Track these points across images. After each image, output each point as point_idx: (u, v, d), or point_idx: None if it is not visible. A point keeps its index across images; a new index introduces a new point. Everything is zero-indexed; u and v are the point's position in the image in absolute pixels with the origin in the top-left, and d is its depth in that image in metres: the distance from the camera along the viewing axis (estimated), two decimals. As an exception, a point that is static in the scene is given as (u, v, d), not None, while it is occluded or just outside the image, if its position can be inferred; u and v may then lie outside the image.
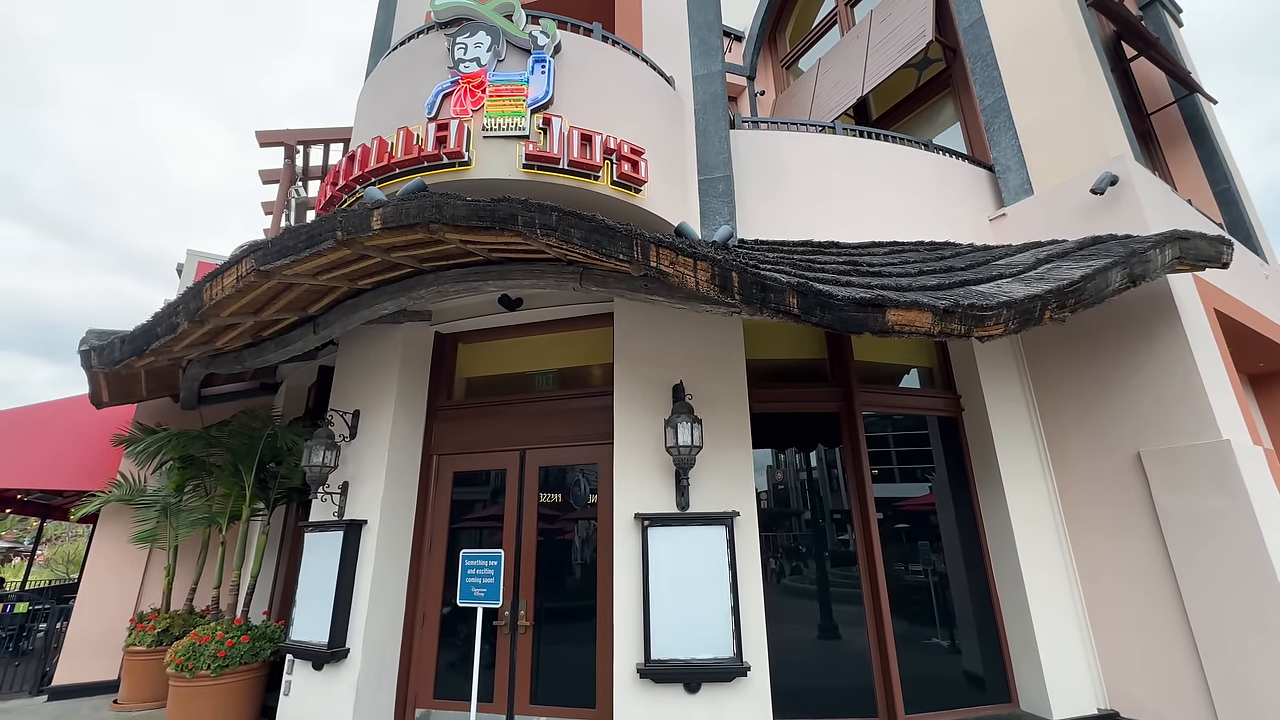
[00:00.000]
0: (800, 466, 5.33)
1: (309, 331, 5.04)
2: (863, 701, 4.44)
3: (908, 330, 3.31)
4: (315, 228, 3.80)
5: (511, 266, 4.42)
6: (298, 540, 5.62)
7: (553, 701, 4.57)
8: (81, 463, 7.52)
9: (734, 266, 3.35)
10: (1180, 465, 4.32)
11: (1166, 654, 4.28)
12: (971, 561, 5.07)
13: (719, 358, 4.70)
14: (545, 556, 4.96)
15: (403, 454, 5.24)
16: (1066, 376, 5.18)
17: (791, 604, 4.82)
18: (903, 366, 5.80)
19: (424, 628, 5.01)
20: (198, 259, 8.19)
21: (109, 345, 4.85)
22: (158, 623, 6.13)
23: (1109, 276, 3.82)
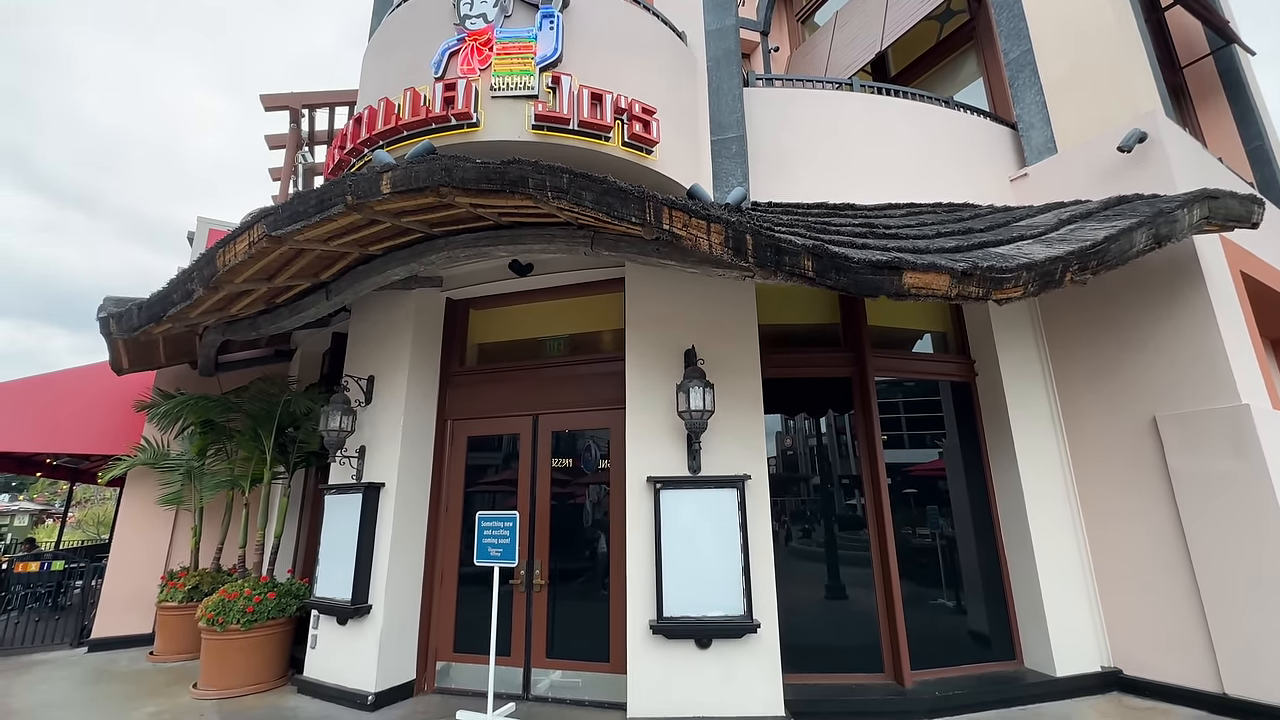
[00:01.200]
0: (810, 432, 5.35)
1: (322, 298, 5.06)
2: (870, 658, 4.56)
3: (924, 293, 3.26)
4: (325, 192, 3.77)
5: (522, 231, 4.38)
6: (318, 502, 5.77)
7: (568, 655, 4.73)
8: (106, 428, 7.70)
9: (748, 229, 3.30)
10: (1197, 429, 4.29)
11: (1172, 613, 4.34)
12: (980, 525, 5.11)
13: (731, 322, 4.68)
14: (558, 519, 5.07)
15: (417, 419, 5.31)
16: (1083, 339, 5.11)
17: (801, 566, 4.91)
18: (916, 331, 5.74)
19: (443, 586, 5.17)
20: (208, 226, 8.18)
21: (127, 312, 4.91)
22: (187, 580, 6.37)
23: (1133, 237, 3.73)
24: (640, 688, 4.01)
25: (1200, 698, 4.13)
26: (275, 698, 4.82)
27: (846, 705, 4.16)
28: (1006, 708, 4.26)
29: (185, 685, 5.16)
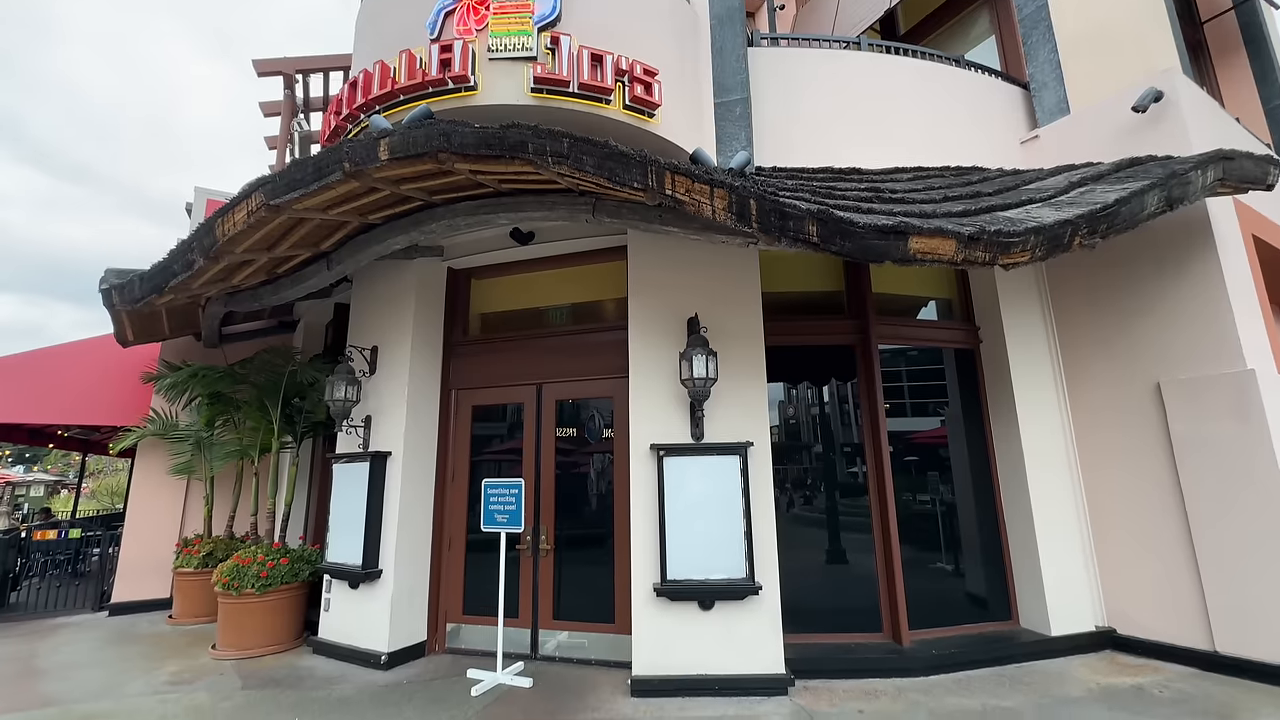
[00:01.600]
0: (813, 401, 5.36)
1: (323, 268, 5.04)
2: (869, 619, 4.66)
3: (930, 259, 3.22)
4: (322, 159, 3.72)
5: (523, 198, 4.32)
6: (326, 471, 5.85)
7: (574, 617, 4.86)
8: (115, 399, 7.78)
9: (752, 194, 3.25)
10: (1201, 395, 4.29)
11: (1167, 575, 4.41)
12: (981, 490, 5.16)
13: (734, 290, 4.65)
14: (563, 486, 5.14)
15: (422, 388, 5.34)
16: (1089, 305, 5.07)
17: (802, 532, 4.98)
18: (921, 298, 5.70)
19: (451, 551, 5.28)
20: (206, 196, 8.10)
21: (129, 283, 4.90)
22: (202, 547, 6.52)
23: (1145, 200, 3.66)
24: (644, 647, 4.13)
25: (1192, 655, 4.23)
26: (292, 658, 4.98)
27: (845, 663, 4.27)
28: (1001, 665, 4.37)
29: (204, 646, 5.33)
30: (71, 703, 4.08)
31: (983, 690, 3.95)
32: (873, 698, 3.86)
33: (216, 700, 4.06)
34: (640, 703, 3.87)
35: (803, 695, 3.92)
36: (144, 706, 3.98)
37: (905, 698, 3.85)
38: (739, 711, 3.70)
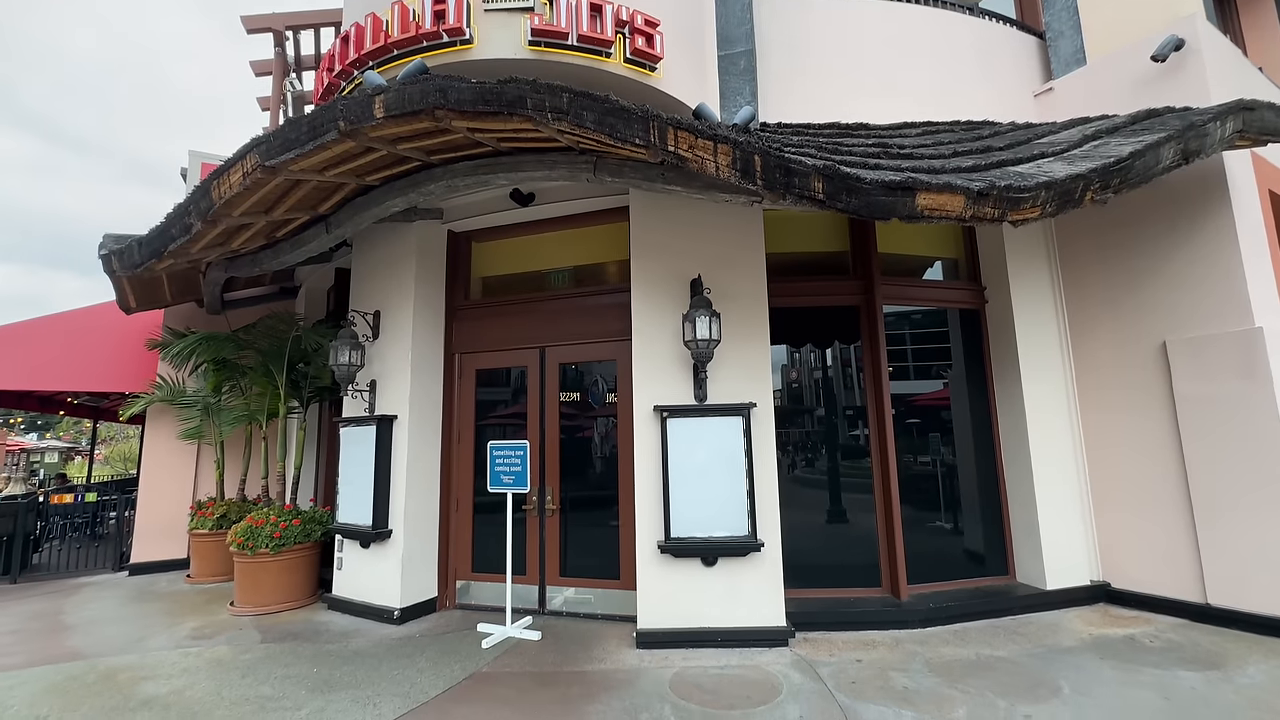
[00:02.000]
0: (816, 364, 5.36)
1: (322, 231, 4.99)
2: (868, 575, 4.77)
3: (938, 215, 3.17)
4: (316, 118, 3.63)
5: (522, 157, 4.24)
6: (334, 434, 5.92)
7: (581, 574, 4.99)
8: (122, 366, 7.83)
9: (756, 150, 3.18)
10: (1207, 353, 4.27)
11: (1163, 530, 4.48)
12: (982, 451, 5.20)
13: (738, 250, 4.59)
14: (568, 449, 5.20)
15: (426, 352, 5.35)
16: (1098, 262, 5.00)
17: (804, 493, 5.05)
18: (927, 258, 5.62)
19: (458, 512, 5.39)
20: (200, 160, 7.98)
21: (127, 249, 4.87)
22: (215, 509, 6.66)
23: (1160, 153, 3.56)
24: (649, 602, 4.24)
25: (1184, 607, 4.33)
26: (307, 614, 5.14)
27: (844, 616, 4.39)
28: (996, 617, 4.49)
29: (223, 604, 5.51)
30: (98, 656, 4.24)
31: (978, 641, 4.07)
32: (870, 648, 3.99)
33: (237, 653, 4.22)
34: (645, 654, 4.00)
35: (802, 646, 4.04)
36: (168, 659, 4.13)
37: (902, 648, 3.97)
38: (741, 661, 3.83)
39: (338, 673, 3.80)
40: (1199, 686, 3.27)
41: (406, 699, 3.39)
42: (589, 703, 3.29)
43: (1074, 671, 3.51)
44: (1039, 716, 2.99)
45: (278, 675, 3.78)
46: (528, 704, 3.30)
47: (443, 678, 3.69)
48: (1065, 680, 3.40)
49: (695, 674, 3.65)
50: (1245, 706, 3.02)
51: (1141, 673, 3.47)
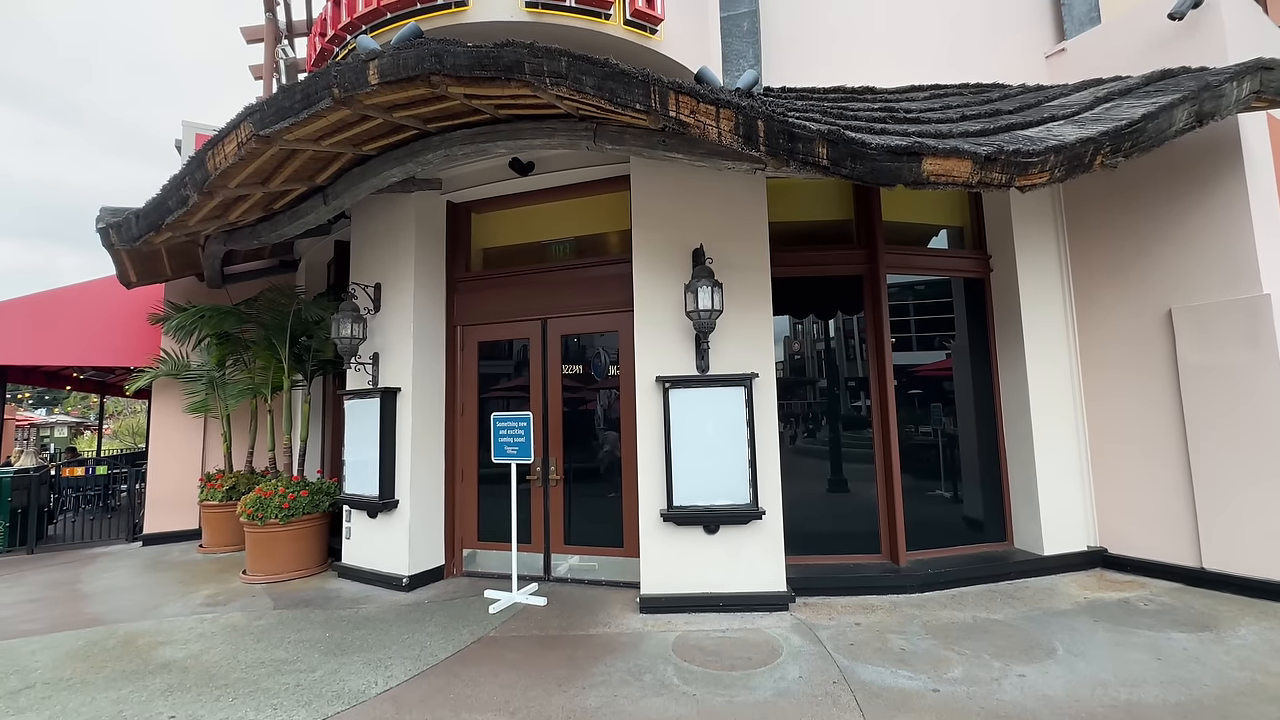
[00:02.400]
0: (819, 336, 5.34)
1: (320, 203, 4.94)
2: (868, 542, 4.84)
3: (944, 181, 3.11)
4: (310, 85, 3.56)
5: (521, 125, 4.16)
6: (338, 407, 5.96)
7: (585, 542, 5.07)
8: (126, 341, 7.85)
9: (760, 114, 3.11)
10: (1213, 321, 4.24)
11: (1162, 497, 4.52)
12: (983, 420, 5.22)
13: (741, 220, 4.53)
14: (571, 420, 5.23)
15: (427, 325, 5.35)
16: (1106, 228, 4.94)
17: (806, 463, 5.09)
18: (932, 227, 5.55)
19: (463, 482, 5.45)
20: (194, 131, 7.86)
21: (125, 222, 4.83)
22: (224, 481, 6.76)
23: (1173, 115, 3.48)
24: (652, 568, 4.32)
25: (1179, 571, 4.40)
26: (318, 581, 5.26)
27: (844, 581, 4.47)
28: (994, 582, 4.56)
29: (235, 573, 5.63)
30: (116, 622, 4.35)
31: (974, 604, 4.15)
32: (869, 611, 4.07)
33: (251, 619, 4.33)
34: (648, 618, 4.10)
35: (803, 610, 4.13)
36: (184, 625, 4.24)
37: (900, 611, 4.05)
38: (742, 624, 3.92)
39: (349, 637, 3.90)
40: (1191, 647, 3.34)
41: (417, 661, 3.49)
42: (594, 664, 3.38)
43: (1068, 633, 3.59)
44: (1033, 676, 3.06)
45: (291, 640, 3.89)
46: (534, 666, 3.39)
47: (451, 641, 3.79)
48: (1060, 642, 3.47)
49: (697, 637, 3.74)
50: (1235, 666, 3.09)
51: (1135, 634, 3.54)
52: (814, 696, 2.93)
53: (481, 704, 2.96)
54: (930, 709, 2.78)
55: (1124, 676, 3.02)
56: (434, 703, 2.99)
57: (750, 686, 3.06)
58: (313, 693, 3.12)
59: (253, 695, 3.11)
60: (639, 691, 3.04)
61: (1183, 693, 2.84)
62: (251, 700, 3.06)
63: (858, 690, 2.98)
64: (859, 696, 2.91)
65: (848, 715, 2.74)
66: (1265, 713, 2.63)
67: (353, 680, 3.26)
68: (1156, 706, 2.73)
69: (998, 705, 2.79)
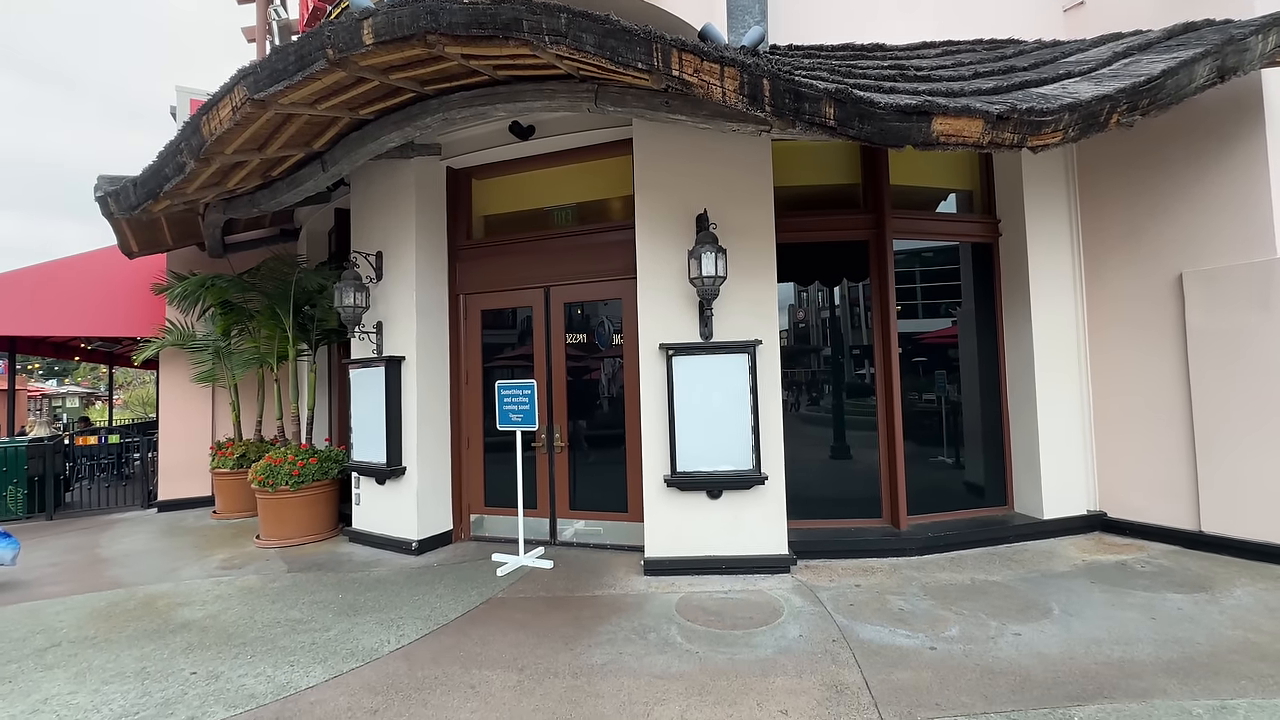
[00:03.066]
0: (824, 303, 5.29)
1: (318, 169, 4.87)
2: (869, 507, 4.90)
3: (954, 142, 3.04)
4: (304, 45, 3.47)
5: (520, 86, 4.06)
6: (344, 376, 6.00)
7: (590, 507, 5.15)
8: (132, 311, 7.88)
9: (765, 73, 3.02)
10: (1224, 285, 4.18)
11: (1163, 461, 4.54)
12: (987, 387, 5.21)
13: (745, 184, 4.45)
14: (575, 387, 5.25)
15: (430, 293, 5.34)
16: (1119, 189, 4.83)
17: (809, 430, 5.12)
18: (941, 190, 5.44)
19: (470, 450, 5.52)
20: (189, 96, 7.71)
21: (123, 190, 4.79)
22: (234, 449, 6.87)
23: (1194, 70, 3.36)
24: (656, 532, 4.40)
25: (1177, 535, 4.45)
26: (330, 546, 5.39)
27: (844, 544, 4.54)
28: (993, 545, 4.63)
29: (248, 538, 5.77)
30: (136, 585, 4.48)
31: (973, 567, 4.22)
32: (869, 574, 4.15)
33: (266, 581, 4.45)
34: (652, 580, 4.19)
35: (803, 573, 4.21)
36: (201, 587, 4.37)
37: (899, 574, 4.13)
38: (744, 586, 4.01)
39: (361, 598, 4.01)
40: (1185, 607, 3.40)
41: (428, 621, 3.59)
42: (599, 623, 3.47)
43: (1065, 594, 3.65)
44: (1028, 635, 3.13)
45: (305, 601, 4.00)
46: (542, 625, 3.49)
47: (461, 602, 3.89)
48: (1056, 602, 3.54)
49: (700, 598, 3.82)
50: (1228, 625, 3.15)
51: (1131, 595, 3.60)
52: (813, 654, 3.01)
53: (491, 661, 3.06)
54: (927, 665, 2.85)
55: (1118, 635, 3.09)
56: (445, 660, 3.09)
57: (751, 645, 3.14)
58: (328, 650, 3.23)
59: (270, 653, 3.22)
60: (643, 649, 3.13)
61: (1175, 650, 2.90)
62: (269, 657, 3.17)
63: (856, 648, 3.06)
64: (857, 654, 2.99)
65: (846, 672, 2.82)
66: (1256, 669, 2.69)
67: (366, 639, 3.36)
68: (1148, 663, 2.79)
69: (992, 662, 2.86)
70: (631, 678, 2.83)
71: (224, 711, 2.64)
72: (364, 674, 2.96)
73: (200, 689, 2.85)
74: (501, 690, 2.76)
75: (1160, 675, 2.68)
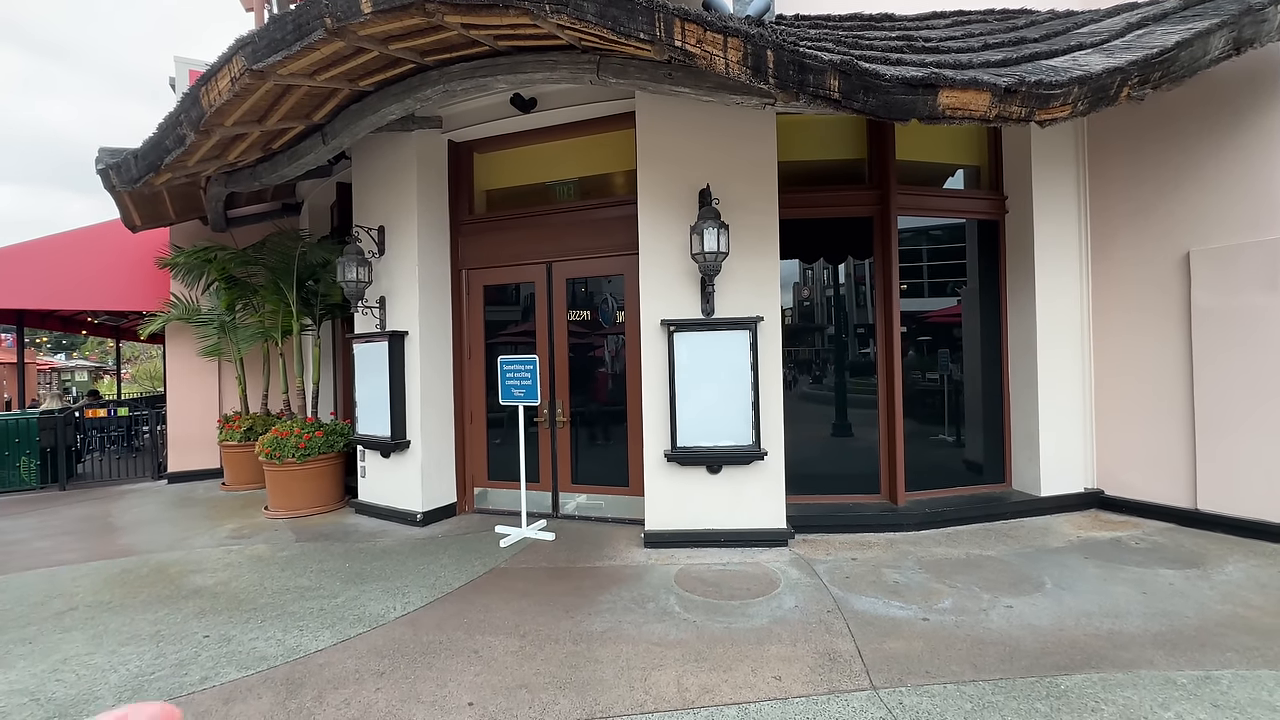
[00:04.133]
0: (828, 281, 5.27)
1: (319, 142, 4.84)
2: (868, 483, 4.95)
3: (961, 115, 3.00)
4: (301, 14, 3.42)
5: (521, 57, 4.00)
6: (348, 350, 6.05)
7: (591, 481, 5.22)
8: (138, 285, 7.92)
9: (769, 44, 2.97)
10: (1232, 264, 4.14)
11: (1164, 441, 4.56)
12: (989, 365, 5.21)
13: (749, 158, 4.40)
14: (577, 364, 5.28)
15: (432, 268, 5.34)
16: (1128, 166, 4.76)
17: (810, 408, 5.14)
18: (948, 166, 5.37)
19: (473, 424, 5.58)
20: (187, 67, 7.63)
21: (124, 162, 4.77)
22: (241, 423, 6.95)
23: (1209, 42, 3.28)
24: (656, 506, 4.46)
25: (1172, 512, 4.49)
26: (336, 517, 5.49)
27: (842, 519, 4.60)
28: (990, 521, 4.69)
29: (257, 508, 5.88)
30: (148, 553, 4.60)
31: (969, 542, 4.27)
32: (865, 548, 4.21)
33: (275, 550, 4.55)
34: (652, 552, 4.27)
35: (801, 546, 4.28)
36: (212, 555, 4.48)
37: (896, 548, 4.19)
38: (743, 559, 4.08)
39: (368, 567, 4.11)
40: (1177, 582, 3.45)
41: (432, 590, 3.68)
42: (600, 593, 3.55)
43: (1058, 569, 3.71)
44: (1020, 608, 3.19)
45: (313, 569, 4.10)
46: (543, 594, 3.57)
47: (465, 572, 3.98)
48: (1049, 577, 3.59)
49: (699, 569, 3.90)
50: (1218, 600, 3.20)
51: (1123, 570, 3.65)
52: (808, 624, 3.08)
53: (493, 627, 3.14)
54: (919, 635, 2.92)
55: (1108, 609, 3.14)
56: (449, 626, 3.17)
57: (748, 614, 3.21)
58: (335, 616, 3.32)
59: (280, 618, 3.31)
60: (642, 618, 3.20)
61: (1164, 623, 2.96)
62: (279, 622, 3.26)
63: (850, 618, 3.12)
64: (851, 624, 3.06)
65: (840, 641, 2.89)
66: (1241, 642, 2.74)
67: (373, 605, 3.46)
68: (1137, 635, 2.85)
69: (984, 633, 2.92)
70: (630, 644, 2.91)
71: (236, 672, 2.74)
72: (371, 638, 3.05)
73: (213, 651, 2.95)
74: (504, 655, 2.84)
75: (1148, 647, 2.73)
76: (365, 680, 2.65)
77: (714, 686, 2.53)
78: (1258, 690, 2.36)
